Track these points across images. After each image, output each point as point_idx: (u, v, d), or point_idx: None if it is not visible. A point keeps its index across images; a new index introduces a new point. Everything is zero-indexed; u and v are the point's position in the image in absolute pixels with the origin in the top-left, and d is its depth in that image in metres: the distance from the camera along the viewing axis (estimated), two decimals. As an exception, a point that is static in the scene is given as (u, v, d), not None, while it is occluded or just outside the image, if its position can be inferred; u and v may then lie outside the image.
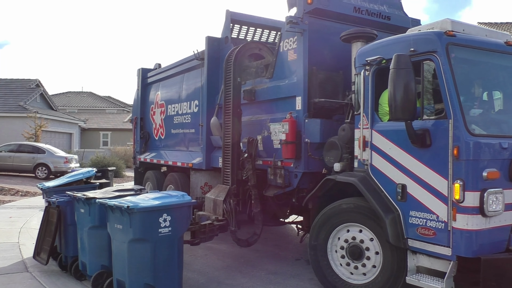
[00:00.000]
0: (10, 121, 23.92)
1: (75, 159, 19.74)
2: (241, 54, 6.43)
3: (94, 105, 44.76)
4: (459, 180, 3.70)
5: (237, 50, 6.42)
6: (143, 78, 10.40)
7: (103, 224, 4.75)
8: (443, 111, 3.91)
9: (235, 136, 6.25)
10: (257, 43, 6.95)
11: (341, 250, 4.63)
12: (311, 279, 5.48)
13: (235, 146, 6.24)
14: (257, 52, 6.71)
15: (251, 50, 6.66)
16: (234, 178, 6.20)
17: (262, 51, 6.72)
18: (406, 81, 3.78)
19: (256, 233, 6.10)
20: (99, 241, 4.93)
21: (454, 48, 3.99)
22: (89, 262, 5.02)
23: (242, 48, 6.47)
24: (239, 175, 6.21)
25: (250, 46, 6.68)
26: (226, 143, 6.38)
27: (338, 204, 4.64)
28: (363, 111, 4.56)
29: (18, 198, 12.90)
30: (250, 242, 6.10)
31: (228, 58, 6.48)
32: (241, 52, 6.43)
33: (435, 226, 3.88)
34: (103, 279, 4.81)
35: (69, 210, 5.47)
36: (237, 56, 6.37)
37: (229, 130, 6.30)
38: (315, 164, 5.49)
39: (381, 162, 4.36)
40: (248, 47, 6.61)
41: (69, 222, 5.49)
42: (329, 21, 5.87)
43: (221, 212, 6.04)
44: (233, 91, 6.30)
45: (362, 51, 4.72)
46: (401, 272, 4.22)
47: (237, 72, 6.36)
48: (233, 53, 6.44)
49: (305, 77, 5.54)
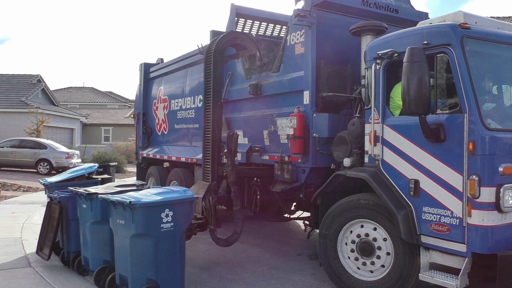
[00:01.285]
0: (11, 116, 23.89)
1: (77, 154, 19.70)
2: (221, 45, 6.19)
3: (96, 101, 44.71)
4: (474, 175, 3.62)
5: (218, 40, 6.18)
6: (146, 73, 10.33)
7: (105, 219, 4.75)
8: (457, 105, 3.82)
9: (215, 131, 6.04)
10: (238, 33, 6.65)
11: (352, 244, 4.57)
12: (313, 274, 5.48)
13: (215, 141, 6.04)
14: (239, 43, 6.44)
15: (232, 40, 6.40)
16: (214, 174, 6.00)
17: (244, 41, 6.43)
18: (420, 74, 3.69)
19: (236, 232, 5.87)
20: (101, 236, 4.92)
21: (468, 40, 3.90)
22: (92, 257, 5.00)
23: (222, 39, 6.22)
24: (220, 171, 6.00)
25: (231, 37, 6.39)
26: (207, 137, 6.16)
27: (356, 198, 4.56)
28: (374, 105, 4.47)
29: (20, 193, 12.86)
30: (229, 242, 5.86)
31: (208, 49, 6.24)
32: (221, 43, 6.19)
33: (450, 222, 3.80)
34: (105, 274, 4.80)
35: (71, 206, 5.44)
36: (218, 46, 6.14)
37: (210, 124, 6.08)
38: (323, 159, 5.42)
39: (393, 157, 4.28)
40: (228, 37, 6.34)
41: (70, 218, 5.46)
42: (337, 14, 5.78)
43: (200, 210, 5.80)
44: (214, 83, 6.09)
45: (373, 44, 4.63)
46: (409, 277, 4.17)
47: (218, 64, 6.14)
48: (213, 44, 6.22)
49: (313, 71, 5.46)
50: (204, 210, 5.78)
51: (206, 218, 5.73)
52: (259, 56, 6.39)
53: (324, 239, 4.77)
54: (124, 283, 4.39)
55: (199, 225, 5.65)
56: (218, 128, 6.07)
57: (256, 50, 6.37)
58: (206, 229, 5.74)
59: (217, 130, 6.05)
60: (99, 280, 4.79)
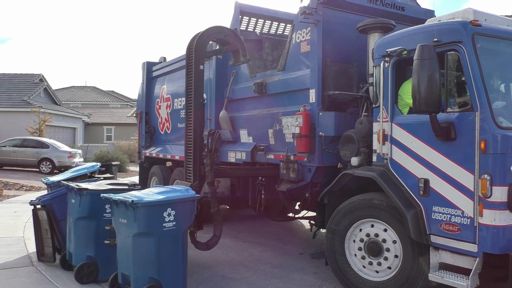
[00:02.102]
0: (14, 116, 23.89)
1: (79, 153, 19.70)
2: (202, 40, 6.03)
3: (98, 100, 44.73)
4: (486, 174, 3.56)
5: (199, 36, 6.01)
6: (148, 72, 10.28)
7: (92, 215, 4.87)
8: (468, 103, 3.77)
9: (197, 129, 5.85)
10: (221, 27, 6.41)
11: (360, 242, 4.52)
12: (315, 273, 5.46)
13: (197, 140, 5.82)
14: (222, 38, 6.28)
15: (215, 35, 6.23)
16: (196, 175, 5.77)
17: (228, 36, 6.26)
18: (430, 72, 3.64)
19: (216, 235, 5.62)
20: (86, 232, 4.94)
21: (479, 38, 3.85)
22: (75, 253, 5.02)
23: (204, 34, 6.04)
24: (202, 170, 5.78)
25: (213, 31, 6.20)
26: (188, 137, 5.95)
27: (369, 197, 4.50)
28: (383, 103, 4.42)
29: (22, 192, 12.85)
30: (209, 245, 5.66)
31: (190, 44, 6.07)
32: (202, 38, 6.03)
33: (460, 222, 3.75)
34: (87, 270, 4.87)
35: (56, 206, 5.48)
36: (199, 42, 5.97)
37: (191, 122, 5.87)
38: (329, 158, 5.37)
39: (402, 156, 4.22)
40: (210, 32, 6.15)
41: (59, 218, 5.50)
42: (343, 12, 5.74)
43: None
44: (195, 79, 5.91)
45: (381, 42, 4.57)
46: (415, 282, 4.12)
47: (199, 59, 5.95)
48: (194, 39, 6.04)
49: (319, 69, 5.41)
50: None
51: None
52: (243, 52, 6.23)
53: (332, 234, 4.72)
54: (127, 282, 4.38)
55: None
56: (200, 127, 5.86)
57: (240, 45, 6.20)
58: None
59: (198, 129, 5.84)
60: (81, 277, 4.84)
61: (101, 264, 4.93)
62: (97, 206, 4.90)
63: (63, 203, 5.37)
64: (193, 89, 5.92)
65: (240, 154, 6.75)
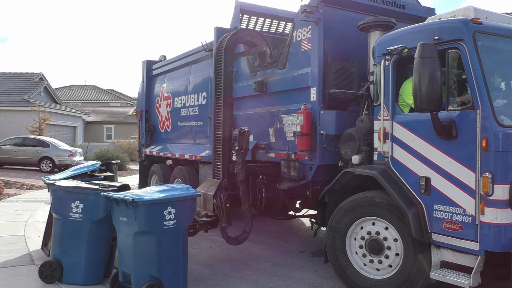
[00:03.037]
0: (14, 114, 23.87)
1: (79, 152, 19.68)
2: (232, 41, 6.13)
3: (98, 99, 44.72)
4: (487, 172, 3.56)
5: (228, 38, 6.11)
6: (148, 70, 10.27)
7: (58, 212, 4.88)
8: (469, 102, 3.76)
9: (226, 129, 6.01)
10: (249, 30, 6.60)
11: (361, 240, 4.52)
12: (315, 271, 5.47)
13: (226, 139, 6.02)
14: (250, 40, 6.39)
15: (243, 37, 6.35)
16: (225, 172, 5.97)
17: (255, 38, 6.38)
18: (431, 70, 3.63)
19: (246, 230, 5.85)
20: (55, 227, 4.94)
21: (480, 36, 3.84)
22: (52, 249, 5.05)
23: (234, 36, 6.16)
24: (231, 168, 5.96)
25: (243, 34, 6.35)
26: (217, 135, 6.14)
27: (370, 196, 4.49)
28: (384, 102, 4.41)
29: (23, 191, 12.85)
30: (239, 240, 5.85)
31: (219, 46, 6.18)
32: (232, 40, 6.13)
33: (462, 220, 3.75)
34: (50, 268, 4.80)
35: None
36: (228, 44, 6.07)
37: (220, 122, 6.05)
38: (331, 156, 5.37)
39: (403, 155, 4.22)
40: (240, 34, 6.29)
41: None
42: (344, 10, 5.74)
43: (212, 207, 5.79)
44: (225, 80, 6.04)
45: (382, 40, 4.57)
46: (416, 280, 4.12)
47: (229, 61, 6.09)
48: (224, 40, 6.14)
49: (320, 68, 5.41)
50: (215, 208, 5.76)
51: (217, 215, 5.71)
52: (270, 53, 6.35)
53: (333, 231, 4.72)
54: (127, 280, 4.38)
55: (210, 222, 5.64)
56: (229, 126, 6.03)
57: (267, 47, 6.32)
58: (217, 227, 5.72)
59: (227, 127, 6.00)
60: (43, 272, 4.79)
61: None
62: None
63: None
64: (222, 90, 6.05)
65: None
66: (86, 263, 4.75)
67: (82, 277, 4.74)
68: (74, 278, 4.76)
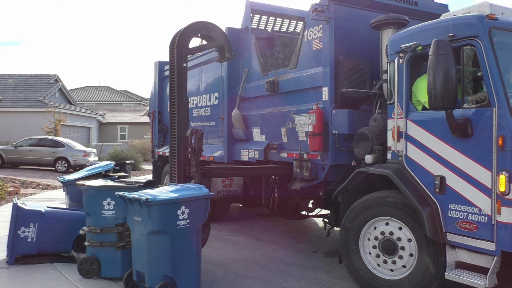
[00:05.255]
0: (30, 116, 24.31)
1: (94, 152, 19.94)
2: (185, 36, 5.79)
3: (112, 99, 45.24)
4: (504, 171, 3.49)
5: (181, 33, 5.78)
6: (160, 71, 10.33)
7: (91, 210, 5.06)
8: (486, 99, 3.69)
9: (181, 128, 5.62)
10: (204, 23, 6.09)
11: (375, 241, 4.48)
12: (328, 272, 5.43)
13: (181, 139, 5.60)
14: (206, 33, 6.02)
15: (198, 31, 5.96)
16: (181, 175, 5.56)
17: (212, 32, 6.00)
18: (446, 67, 3.57)
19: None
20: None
21: (496, 32, 3.76)
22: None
23: (186, 30, 5.81)
24: (187, 171, 5.59)
25: (196, 27, 5.93)
26: (172, 136, 5.74)
27: (384, 195, 4.44)
28: (397, 100, 4.36)
29: (39, 191, 13.07)
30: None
31: (171, 41, 5.85)
32: (185, 34, 5.79)
33: (478, 220, 3.68)
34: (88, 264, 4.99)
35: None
36: (181, 39, 5.73)
37: (175, 122, 5.66)
38: (343, 156, 5.33)
39: (417, 153, 4.16)
40: (193, 27, 5.89)
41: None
42: (355, 8, 5.69)
43: None
44: (178, 78, 5.70)
45: (395, 38, 4.51)
46: (431, 281, 4.07)
47: (182, 57, 5.73)
48: (177, 36, 5.80)
49: (331, 67, 5.37)
50: None
51: None
52: (228, 47, 6.02)
53: (346, 231, 4.69)
54: (141, 279, 4.41)
55: None
56: (184, 125, 5.68)
57: (224, 41, 6.00)
58: None
59: (183, 127, 5.65)
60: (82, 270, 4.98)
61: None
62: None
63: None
64: (176, 88, 5.69)
65: (253, 152, 6.75)
66: (122, 257, 4.93)
67: (120, 270, 4.90)
68: (112, 272, 4.96)
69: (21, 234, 5.44)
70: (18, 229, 5.43)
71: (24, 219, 5.47)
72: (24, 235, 5.45)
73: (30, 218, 5.51)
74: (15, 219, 5.43)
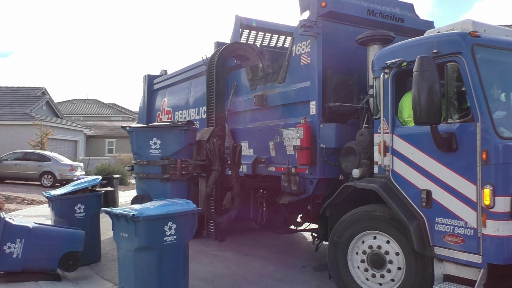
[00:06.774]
0: (16, 129, 23.93)
1: (81, 167, 19.68)
2: (223, 56, 6.14)
3: (99, 113, 44.87)
4: (488, 185, 3.55)
5: (219, 52, 6.11)
6: (149, 84, 10.34)
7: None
8: (469, 114, 3.77)
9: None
10: (241, 44, 6.58)
11: (363, 255, 4.48)
12: (318, 286, 5.41)
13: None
14: (242, 54, 6.40)
15: (235, 51, 6.35)
16: (218, 186, 6.03)
17: (247, 52, 6.38)
18: (430, 83, 3.65)
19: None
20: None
21: (479, 49, 3.87)
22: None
23: (225, 50, 6.16)
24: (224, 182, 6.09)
25: (234, 47, 6.34)
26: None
27: (371, 209, 4.48)
28: (383, 115, 4.42)
29: (24, 206, 12.80)
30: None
31: (210, 61, 6.19)
32: (223, 55, 6.13)
33: (464, 233, 3.72)
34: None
35: None
36: (219, 59, 6.07)
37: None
38: (331, 170, 5.35)
39: (404, 168, 4.21)
40: (231, 48, 6.29)
41: None
42: (342, 24, 5.77)
43: (204, 153, 5.87)
44: (216, 95, 6.07)
45: (381, 54, 4.60)
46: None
47: (220, 75, 6.09)
48: (215, 55, 6.15)
49: (319, 81, 5.43)
50: (208, 152, 5.85)
51: (210, 159, 5.79)
52: (262, 66, 6.37)
53: (334, 246, 4.68)
54: (128, 297, 4.32)
55: (202, 166, 5.68)
56: (222, 140, 6.04)
57: (259, 61, 6.33)
58: (208, 170, 5.88)
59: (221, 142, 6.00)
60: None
61: None
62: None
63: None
64: (214, 104, 6.09)
65: (242, 166, 6.74)
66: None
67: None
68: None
69: (7, 250, 5.27)
70: (4, 244, 5.28)
71: (11, 235, 5.33)
72: (10, 251, 5.28)
73: (17, 233, 5.37)
74: (2, 234, 5.27)
